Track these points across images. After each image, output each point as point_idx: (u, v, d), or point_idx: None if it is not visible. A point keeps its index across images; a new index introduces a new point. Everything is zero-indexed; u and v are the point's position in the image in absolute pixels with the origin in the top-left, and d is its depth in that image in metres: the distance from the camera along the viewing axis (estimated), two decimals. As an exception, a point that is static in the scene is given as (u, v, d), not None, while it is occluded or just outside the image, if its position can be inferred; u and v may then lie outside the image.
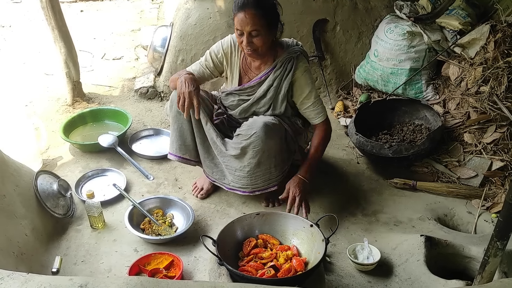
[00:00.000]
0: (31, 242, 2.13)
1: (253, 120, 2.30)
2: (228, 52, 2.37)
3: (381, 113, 3.07)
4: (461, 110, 2.97)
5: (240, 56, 2.38)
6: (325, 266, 2.14)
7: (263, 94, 2.35)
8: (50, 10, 3.07)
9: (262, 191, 2.39)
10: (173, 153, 2.47)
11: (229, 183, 2.41)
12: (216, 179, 2.46)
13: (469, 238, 2.28)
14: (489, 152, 2.72)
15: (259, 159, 2.28)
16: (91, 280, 1.39)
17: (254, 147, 2.25)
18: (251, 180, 2.34)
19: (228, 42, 2.37)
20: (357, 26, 3.59)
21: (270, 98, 2.35)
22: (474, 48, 3.03)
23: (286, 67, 2.31)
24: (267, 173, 2.34)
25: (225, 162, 2.36)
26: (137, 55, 4.18)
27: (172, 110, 2.36)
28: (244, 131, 2.28)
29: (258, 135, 2.23)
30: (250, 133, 2.25)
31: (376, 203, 2.59)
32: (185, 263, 2.16)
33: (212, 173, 2.46)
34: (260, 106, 2.38)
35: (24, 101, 3.48)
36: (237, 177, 2.36)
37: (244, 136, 2.27)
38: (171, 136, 2.45)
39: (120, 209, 2.50)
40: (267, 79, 2.32)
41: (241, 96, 2.40)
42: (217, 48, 2.39)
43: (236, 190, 2.41)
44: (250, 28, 2.13)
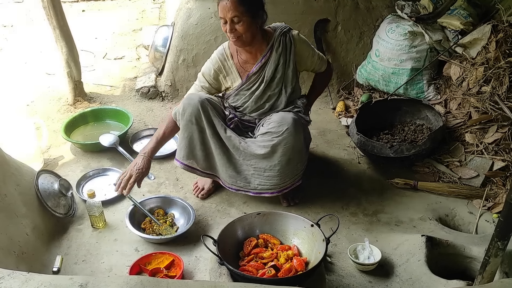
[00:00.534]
0: (32, 241, 2.13)
1: (281, 116, 2.30)
2: (219, 67, 2.40)
3: (382, 113, 3.06)
4: (463, 110, 2.97)
5: (232, 59, 2.39)
6: (326, 266, 2.14)
7: (272, 76, 2.35)
8: (52, 9, 3.07)
9: (288, 188, 2.40)
10: (180, 160, 2.46)
11: (255, 187, 2.39)
12: (241, 187, 2.42)
13: (470, 238, 2.28)
14: (491, 152, 2.71)
15: (289, 155, 2.29)
16: (91, 280, 1.40)
17: (286, 144, 2.26)
18: (280, 179, 2.34)
19: (216, 59, 2.41)
20: (359, 26, 3.59)
21: (281, 77, 2.36)
22: (476, 48, 3.02)
23: (285, 42, 2.34)
24: (295, 169, 2.36)
25: (253, 164, 2.34)
26: (138, 55, 4.18)
27: (183, 118, 2.33)
28: (274, 128, 2.27)
29: (290, 131, 2.25)
30: (281, 129, 2.25)
31: (377, 203, 2.59)
32: (186, 262, 2.16)
33: (236, 182, 2.41)
34: (273, 88, 2.38)
35: (26, 101, 3.48)
36: (266, 177, 2.35)
37: (275, 134, 2.26)
38: (180, 143, 2.43)
39: (121, 209, 2.50)
40: (271, 60, 2.34)
41: (250, 88, 2.39)
42: (208, 70, 2.43)
43: (264, 193, 2.40)
44: (231, 15, 2.15)
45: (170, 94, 3.54)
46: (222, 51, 2.41)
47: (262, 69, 2.35)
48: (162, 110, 3.43)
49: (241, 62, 2.39)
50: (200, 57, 3.45)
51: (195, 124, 2.32)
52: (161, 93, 3.55)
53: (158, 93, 3.55)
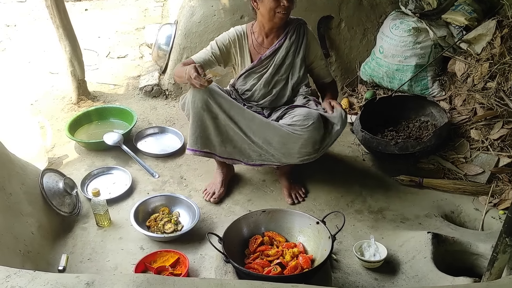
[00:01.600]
0: (37, 240, 2.13)
1: (307, 111, 2.32)
2: (235, 39, 2.45)
3: (387, 110, 3.05)
4: (468, 106, 2.95)
5: (247, 40, 2.45)
6: (332, 263, 2.14)
7: (282, 61, 2.43)
8: (55, 9, 3.07)
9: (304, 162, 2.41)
10: (193, 148, 2.39)
11: (280, 160, 2.39)
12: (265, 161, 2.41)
13: (476, 235, 2.27)
14: (496, 149, 2.70)
15: (308, 148, 2.32)
16: (97, 278, 1.39)
17: (309, 138, 2.28)
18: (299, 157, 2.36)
19: (233, 32, 2.46)
20: (362, 22, 3.57)
21: (289, 64, 2.44)
22: (481, 44, 3.00)
23: (299, 32, 2.44)
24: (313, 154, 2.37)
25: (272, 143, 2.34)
26: (141, 53, 4.18)
27: (194, 106, 2.28)
28: (300, 121, 2.28)
29: (315, 126, 2.28)
30: (307, 123, 2.27)
31: (382, 200, 2.58)
32: (191, 260, 2.16)
33: (260, 156, 2.40)
34: (281, 74, 2.45)
35: (30, 100, 3.49)
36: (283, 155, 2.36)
37: (300, 126, 2.28)
38: (193, 132, 2.36)
39: (125, 207, 2.50)
40: (283, 46, 2.42)
41: (261, 71, 2.44)
42: (223, 38, 2.46)
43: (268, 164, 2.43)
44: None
45: (173, 92, 3.53)
46: (240, 29, 2.47)
47: (274, 53, 2.42)
48: (166, 108, 3.43)
49: (255, 44, 2.45)
50: (203, 55, 3.44)
51: (206, 111, 2.29)
52: (164, 91, 3.55)
53: (161, 91, 3.55)
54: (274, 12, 2.30)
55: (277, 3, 2.27)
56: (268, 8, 2.29)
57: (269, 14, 2.31)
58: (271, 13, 2.30)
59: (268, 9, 2.29)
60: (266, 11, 2.30)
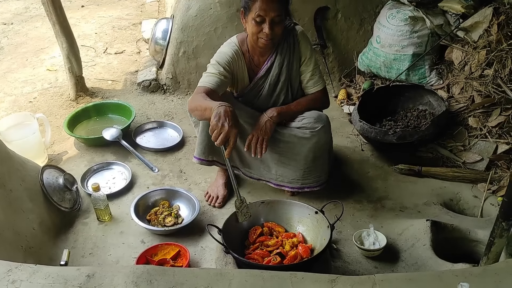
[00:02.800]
0: (38, 236, 2.15)
1: (317, 114, 2.27)
2: (234, 59, 2.24)
3: (385, 100, 3.05)
4: (465, 94, 2.95)
5: (244, 59, 2.28)
6: (332, 252, 2.15)
7: (277, 79, 2.30)
8: (51, 5, 3.07)
9: (310, 188, 2.38)
10: (199, 157, 2.37)
11: (277, 178, 2.38)
12: (262, 176, 2.42)
13: (475, 222, 2.28)
14: (494, 136, 2.70)
15: (317, 153, 2.29)
16: (98, 270, 1.41)
17: (318, 141, 2.25)
18: (303, 173, 2.33)
19: (230, 51, 2.24)
20: (359, 13, 3.57)
21: (285, 80, 2.30)
22: (477, 31, 2.99)
23: (288, 41, 2.26)
24: (318, 169, 2.35)
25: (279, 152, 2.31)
26: (138, 49, 4.18)
27: None
28: (310, 124, 2.24)
29: (325, 129, 2.26)
30: (317, 126, 2.23)
31: (381, 189, 2.59)
32: (192, 253, 2.17)
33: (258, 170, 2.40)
34: (278, 92, 2.33)
35: (28, 97, 3.49)
36: (289, 168, 2.33)
37: (310, 129, 2.24)
38: (202, 141, 2.33)
39: (126, 202, 2.51)
40: (275, 63, 2.27)
41: (257, 91, 2.34)
42: (223, 59, 2.21)
43: (285, 186, 2.40)
44: (274, 14, 2.05)
45: (171, 86, 3.53)
46: (235, 47, 2.25)
47: (267, 72, 2.30)
48: (164, 103, 3.43)
49: (251, 63, 2.31)
50: (200, 49, 3.44)
51: None
52: (162, 86, 3.55)
53: (159, 86, 3.55)
54: (257, 37, 2.13)
55: (258, 28, 2.09)
56: (251, 31, 2.13)
57: (253, 38, 2.15)
58: (254, 37, 2.14)
59: (251, 32, 2.13)
60: (250, 33, 2.15)
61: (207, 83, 2.12)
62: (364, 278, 1.37)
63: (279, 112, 2.26)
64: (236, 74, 2.28)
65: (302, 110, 2.31)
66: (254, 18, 2.07)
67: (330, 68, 3.57)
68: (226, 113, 1.83)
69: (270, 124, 2.23)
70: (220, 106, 1.85)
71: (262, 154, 2.21)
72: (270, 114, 2.25)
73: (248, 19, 2.12)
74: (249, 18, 2.10)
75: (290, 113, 2.30)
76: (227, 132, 1.81)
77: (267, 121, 2.23)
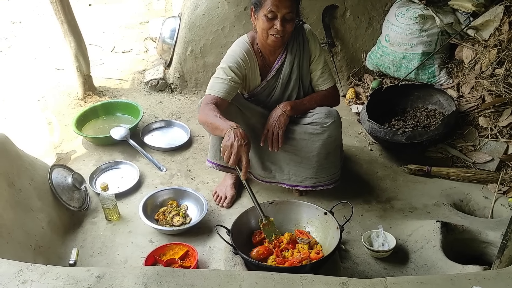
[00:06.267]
0: (48, 235, 2.15)
1: (327, 109, 2.26)
2: (246, 61, 2.21)
3: (394, 99, 3.03)
4: (476, 93, 2.92)
5: (257, 59, 2.26)
6: (340, 253, 2.14)
7: (288, 78, 2.29)
8: (59, 4, 3.07)
9: (323, 186, 2.37)
10: (212, 161, 2.39)
11: (289, 178, 2.37)
12: (274, 179, 2.41)
13: (485, 223, 2.26)
14: (505, 136, 2.67)
15: (329, 149, 2.28)
16: (108, 271, 1.41)
17: (329, 136, 2.24)
18: (316, 171, 2.31)
19: (242, 53, 2.20)
20: (368, 11, 3.54)
21: (297, 79, 2.30)
22: (488, 30, 2.96)
23: (298, 40, 2.25)
24: (331, 166, 2.34)
25: (290, 151, 2.30)
26: (146, 48, 4.18)
27: None
28: (321, 119, 2.24)
29: (336, 124, 2.24)
30: (328, 121, 2.23)
31: (390, 189, 2.57)
32: (200, 253, 2.17)
33: (270, 173, 2.39)
34: (290, 90, 2.32)
35: (36, 96, 3.50)
36: (302, 167, 2.32)
37: (320, 124, 2.23)
38: (214, 144, 2.35)
39: (134, 201, 2.52)
40: (286, 62, 2.27)
41: (269, 92, 2.33)
42: (234, 61, 2.18)
43: (298, 186, 2.38)
44: (286, 10, 2.04)
45: (179, 86, 3.53)
46: (246, 47, 2.22)
47: (279, 72, 2.29)
48: (172, 102, 3.43)
49: (261, 59, 2.28)
50: (208, 48, 3.43)
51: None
52: (170, 85, 3.55)
53: (167, 85, 3.55)
54: (267, 34, 2.11)
55: (269, 24, 2.07)
56: (261, 28, 2.11)
57: (263, 34, 2.13)
58: (264, 34, 2.12)
59: (261, 29, 2.12)
60: (260, 30, 2.13)
61: (216, 91, 2.12)
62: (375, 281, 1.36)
63: (292, 106, 2.27)
64: (247, 75, 2.26)
65: (314, 105, 2.32)
66: (266, 15, 2.07)
67: (338, 67, 3.55)
68: (236, 135, 1.87)
69: (284, 117, 2.24)
70: (231, 129, 1.90)
71: (278, 147, 2.24)
72: (284, 108, 2.25)
73: (259, 16, 2.11)
74: (260, 14, 2.10)
75: (302, 107, 2.31)
76: (238, 151, 1.85)
77: (281, 115, 2.24)
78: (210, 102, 2.08)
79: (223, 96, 2.12)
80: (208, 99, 2.11)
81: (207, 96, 2.13)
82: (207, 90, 2.16)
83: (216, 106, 2.06)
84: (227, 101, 2.13)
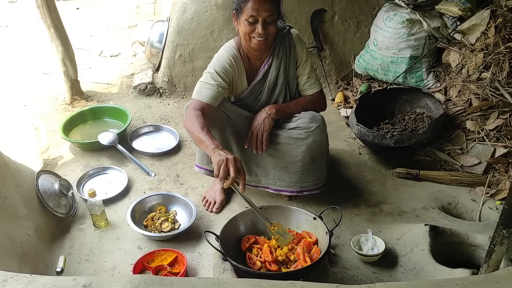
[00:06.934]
0: (34, 242, 2.12)
1: (312, 114, 2.26)
2: (233, 66, 2.20)
3: (382, 103, 3.04)
4: (463, 97, 2.95)
5: (243, 64, 2.26)
6: (330, 258, 2.14)
7: (274, 82, 2.29)
8: (46, 8, 3.04)
9: (309, 191, 2.36)
10: (200, 165, 2.40)
11: (275, 183, 2.37)
12: (260, 183, 2.41)
13: (473, 226, 2.27)
14: (492, 139, 2.70)
15: (314, 154, 2.27)
16: (95, 280, 1.38)
17: (314, 140, 2.24)
18: (302, 176, 2.31)
19: (228, 58, 2.19)
20: (356, 15, 3.56)
21: (283, 83, 2.30)
22: (475, 34, 2.99)
23: (284, 44, 2.25)
24: (317, 171, 2.33)
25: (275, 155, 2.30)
26: (134, 52, 4.15)
27: None
28: (305, 123, 2.23)
29: (320, 129, 2.24)
30: (312, 126, 2.22)
31: (379, 193, 2.58)
32: (189, 259, 2.15)
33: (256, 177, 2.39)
34: (277, 94, 2.32)
35: (23, 101, 3.46)
36: (287, 173, 2.32)
37: (305, 129, 2.23)
38: (200, 149, 2.29)
39: (122, 207, 2.49)
40: (272, 66, 2.26)
41: (255, 96, 2.33)
42: (221, 66, 2.17)
43: (283, 190, 2.38)
44: (266, 14, 2.04)
45: (167, 90, 3.51)
46: (233, 51, 2.21)
47: (265, 76, 2.28)
48: (160, 107, 3.41)
49: (247, 63, 2.28)
50: (196, 52, 3.42)
51: (216, 127, 2.23)
52: (158, 89, 3.53)
53: (155, 89, 3.53)
54: (250, 37, 2.11)
55: (251, 28, 2.08)
56: (243, 32, 2.11)
57: (245, 38, 2.13)
58: (247, 38, 2.12)
59: (243, 33, 2.11)
60: (243, 34, 2.13)
61: (203, 97, 2.12)
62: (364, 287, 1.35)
63: (277, 109, 2.27)
64: (234, 80, 2.26)
65: (299, 109, 2.32)
66: (247, 19, 2.07)
67: (327, 71, 3.56)
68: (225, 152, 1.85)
69: (268, 120, 2.24)
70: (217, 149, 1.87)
71: (262, 150, 2.25)
72: (269, 111, 2.25)
73: (241, 20, 2.11)
74: (242, 19, 2.11)
75: (288, 111, 2.31)
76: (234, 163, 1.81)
77: (266, 118, 2.24)
78: (197, 108, 2.09)
79: (210, 102, 2.12)
80: (195, 104, 2.11)
81: (194, 101, 2.13)
82: (194, 95, 2.16)
83: (202, 113, 2.06)
84: (213, 107, 2.14)
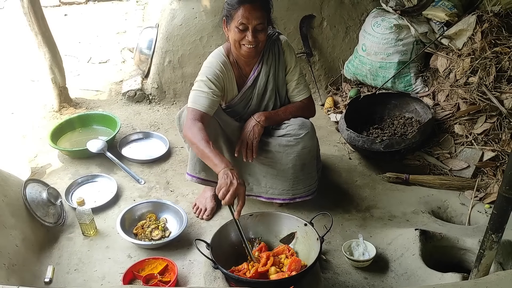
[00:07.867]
0: (22, 252, 2.09)
1: (301, 120, 2.26)
2: (223, 72, 2.20)
3: (371, 108, 3.06)
4: (451, 101, 2.97)
5: (233, 70, 2.25)
6: (321, 264, 2.13)
7: (264, 88, 2.29)
8: (33, 15, 3.02)
9: (301, 198, 2.36)
10: (192, 174, 2.35)
11: (267, 191, 2.37)
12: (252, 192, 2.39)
13: (463, 230, 2.29)
14: (480, 143, 2.72)
15: (304, 160, 2.27)
16: (83, 291, 1.37)
17: (304, 147, 2.24)
18: (293, 183, 2.31)
19: (218, 64, 2.19)
20: (344, 21, 3.58)
21: (273, 89, 2.30)
22: (462, 39, 3.03)
23: (273, 51, 2.25)
24: (308, 177, 2.33)
25: (266, 164, 2.30)
26: (123, 58, 4.13)
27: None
28: (294, 130, 2.24)
29: (310, 135, 2.24)
30: (302, 132, 2.22)
31: (369, 198, 2.59)
32: (180, 267, 2.14)
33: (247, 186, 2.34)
34: (266, 101, 2.32)
35: (10, 109, 3.42)
36: (278, 180, 2.31)
37: (294, 136, 2.23)
38: (192, 157, 2.32)
39: (112, 215, 2.47)
40: (262, 73, 2.26)
41: (245, 103, 2.33)
42: (213, 73, 2.17)
43: (275, 198, 2.37)
44: (257, 22, 2.05)
45: (157, 96, 3.50)
46: (223, 57, 2.21)
47: (255, 82, 2.28)
48: (150, 113, 3.39)
49: (239, 74, 2.28)
50: (186, 58, 3.42)
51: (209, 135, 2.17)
52: (148, 96, 3.51)
53: (145, 96, 3.51)
54: (240, 44, 2.11)
55: (241, 35, 2.08)
56: (233, 39, 2.11)
57: (235, 45, 2.13)
58: (237, 45, 2.12)
59: (233, 40, 2.11)
60: (233, 41, 2.12)
61: (200, 105, 2.11)
62: (355, 294, 1.35)
63: (266, 116, 2.27)
64: (225, 86, 2.25)
65: (289, 116, 2.32)
66: (237, 26, 2.07)
67: (316, 76, 3.58)
68: (234, 175, 1.85)
69: (258, 128, 2.24)
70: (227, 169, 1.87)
71: (252, 157, 2.24)
72: (258, 118, 2.25)
73: (231, 27, 2.11)
74: (232, 26, 2.10)
75: (277, 118, 2.31)
76: (236, 189, 1.82)
77: (255, 125, 2.24)
78: (196, 118, 2.07)
79: (207, 110, 2.11)
80: (194, 114, 2.09)
81: (192, 110, 2.11)
82: (190, 104, 2.14)
83: (202, 123, 2.05)
84: (210, 115, 2.14)
